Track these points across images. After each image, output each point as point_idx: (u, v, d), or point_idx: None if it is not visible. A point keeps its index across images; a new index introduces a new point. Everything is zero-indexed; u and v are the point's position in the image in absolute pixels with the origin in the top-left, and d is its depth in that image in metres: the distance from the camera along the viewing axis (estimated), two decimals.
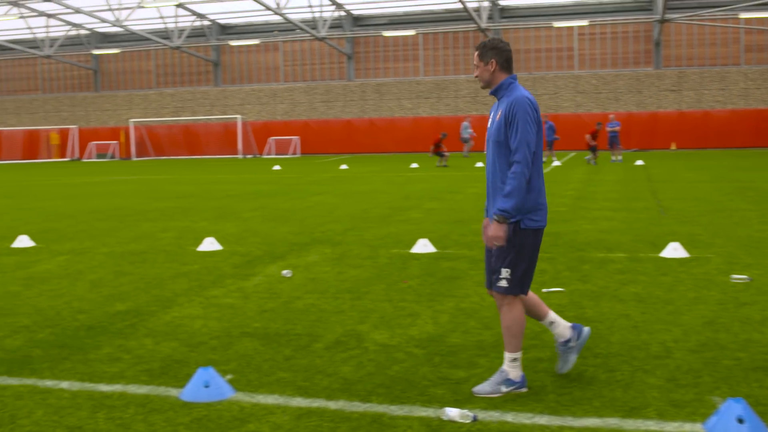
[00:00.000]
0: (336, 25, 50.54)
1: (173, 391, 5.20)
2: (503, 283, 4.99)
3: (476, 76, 5.11)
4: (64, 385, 5.43)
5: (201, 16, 50.44)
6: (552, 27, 48.00)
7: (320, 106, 52.19)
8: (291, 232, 12.94)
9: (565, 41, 48.88)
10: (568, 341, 5.24)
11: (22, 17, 45.71)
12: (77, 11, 44.76)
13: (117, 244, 12.05)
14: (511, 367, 5.02)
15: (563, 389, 5.03)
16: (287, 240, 12.03)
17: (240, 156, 51.51)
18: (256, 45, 52.76)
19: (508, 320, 5.02)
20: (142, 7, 43.04)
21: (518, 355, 5.04)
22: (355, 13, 50.64)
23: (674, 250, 9.87)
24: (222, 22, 52.93)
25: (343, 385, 5.22)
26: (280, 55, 53.12)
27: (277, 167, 34.59)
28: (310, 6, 46.04)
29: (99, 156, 53.73)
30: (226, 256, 10.65)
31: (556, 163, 33.14)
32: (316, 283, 8.72)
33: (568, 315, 6.97)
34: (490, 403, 4.82)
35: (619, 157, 33.46)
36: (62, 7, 44.58)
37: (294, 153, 51.39)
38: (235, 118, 52.47)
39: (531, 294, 5.25)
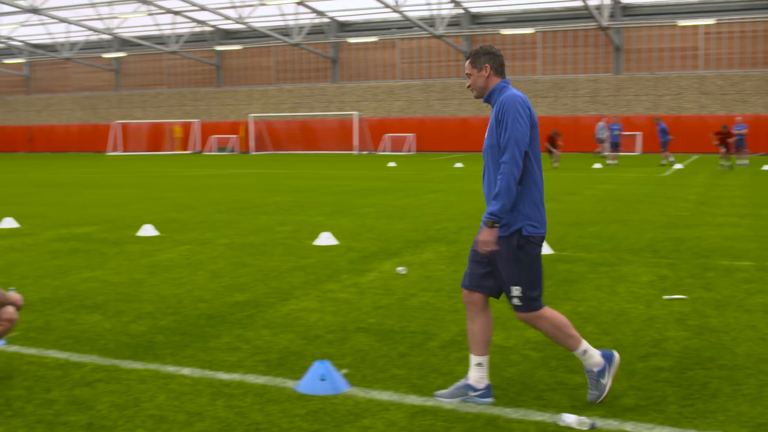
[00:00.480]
0: (454, 22, 50.42)
1: (290, 383, 5.28)
2: (516, 302, 4.79)
3: (469, 86, 4.99)
4: (185, 371, 5.59)
5: (320, 14, 51.20)
6: (676, 25, 46.60)
7: (436, 103, 52.20)
8: (406, 229, 12.98)
9: (690, 40, 47.37)
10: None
11: (150, 14, 47.43)
12: (202, 8, 46.10)
13: (236, 236, 12.34)
14: (587, 358, 4.89)
15: (686, 401, 4.85)
16: (402, 237, 12.07)
17: (355, 152, 52.05)
18: (373, 42, 53.19)
19: (550, 331, 4.85)
20: (264, 4, 44.00)
21: (585, 346, 4.89)
22: (473, 10, 50.42)
23: None
24: (341, 19, 53.58)
25: None
26: (397, 53, 53.39)
27: (392, 164, 34.80)
28: (428, 3, 46.09)
29: (219, 149, 55.24)
30: (342, 251, 10.76)
31: (678, 165, 32.17)
32: (431, 281, 8.71)
33: (691, 324, 6.73)
34: (608, 411, 4.70)
35: (746, 161, 32.21)
36: (188, 5, 46.00)
37: (409, 150, 51.58)
38: (352, 114, 53.05)
39: (489, 326, 4.95)
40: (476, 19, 51.19)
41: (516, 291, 4.75)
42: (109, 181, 25.55)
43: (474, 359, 4.93)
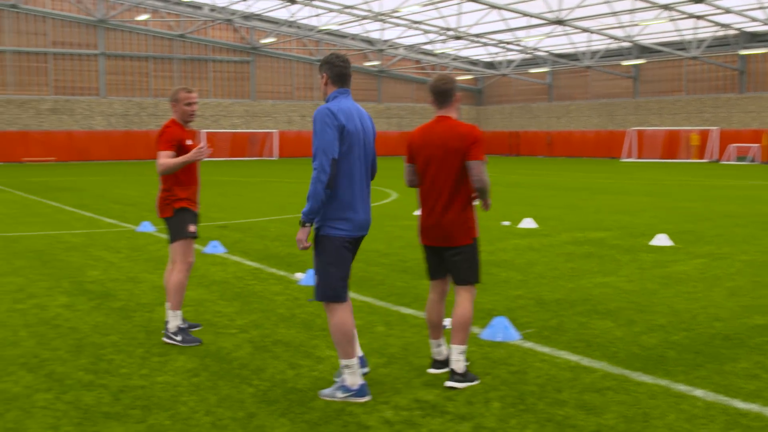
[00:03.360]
0: None
1: None
2: (314, 289, 5.24)
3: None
4: (698, 393, 5.31)
5: None
6: None
7: None
8: None
9: None
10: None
11: (671, 20, 46.66)
12: (727, 11, 44.10)
13: (757, 253, 11.49)
14: (346, 374, 5.18)
15: None
16: None
17: None
18: None
19: (330, 327, 5.25)
20: None
21: (350, 362, 5.19)
22: None
23: None
24: None
25: None
26: None
27: None
28: None
29: (738, 159, 52.42)
30: None
31: None
32: None
33: None
34: None
35: None
36: (712, 8, 44.33)
37: None
38: None
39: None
40: None
41: (314, 279, 5.25)
42: (622, 187, 25.67)
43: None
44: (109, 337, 6.81)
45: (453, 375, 5.48)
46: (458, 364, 5.49)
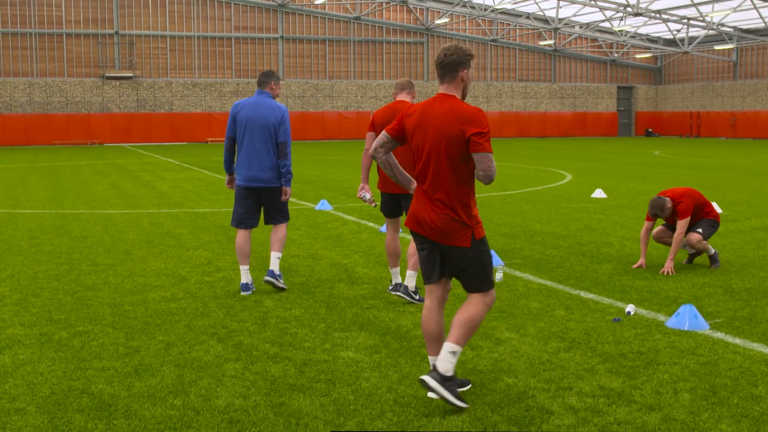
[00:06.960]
0: None
1: None
2: None
3: None
4: None
5: None
6: None
7: None
8: None
9: None
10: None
11: None
12: None
13: None
14: (243, 274, 7.79)
15: None
16: None
17: None
18: None
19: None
20: None
21: (241, 267, 7.77)
22: None
23: None
24: None
25: None
26: None
27: None
28: None
29: None
30: None
31: None
32: None
33: None
34: None
35: None
36: None
37: None
38: None
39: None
40: None
41: None
42: None
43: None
44: (291, 312, 7.02)
45: (433, 371, 4.66)
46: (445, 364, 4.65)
